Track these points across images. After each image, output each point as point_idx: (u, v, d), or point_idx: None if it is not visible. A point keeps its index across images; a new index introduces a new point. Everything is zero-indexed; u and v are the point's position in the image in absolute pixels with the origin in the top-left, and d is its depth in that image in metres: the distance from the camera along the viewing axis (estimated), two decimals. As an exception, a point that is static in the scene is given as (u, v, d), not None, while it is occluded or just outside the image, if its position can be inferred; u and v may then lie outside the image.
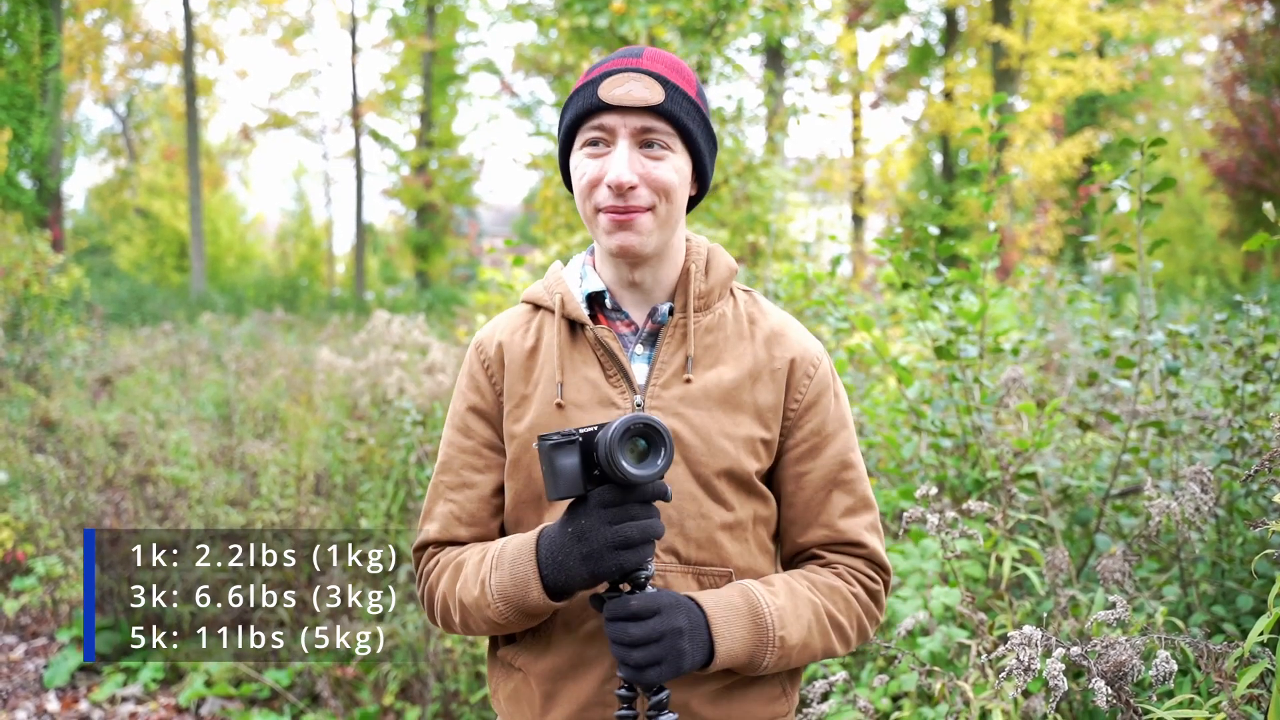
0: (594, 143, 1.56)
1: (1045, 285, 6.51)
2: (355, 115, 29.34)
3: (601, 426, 1.41)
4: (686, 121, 1.57)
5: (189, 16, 25.25)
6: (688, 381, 1.60)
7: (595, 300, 1.68)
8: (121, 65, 29.66)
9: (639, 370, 1.63)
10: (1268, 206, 2.54)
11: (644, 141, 1.55)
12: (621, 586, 1.46)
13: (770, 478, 1.68)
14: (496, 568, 1.55)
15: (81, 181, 42.54)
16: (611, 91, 1.54)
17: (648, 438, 1.39)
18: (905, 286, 3.24)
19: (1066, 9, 19.25)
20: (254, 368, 9.46)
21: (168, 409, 7.84)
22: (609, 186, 1.53)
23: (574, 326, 1.66)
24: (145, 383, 9.17)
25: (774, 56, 15.94)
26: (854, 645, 1.65)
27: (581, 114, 1.56)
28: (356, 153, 29.54)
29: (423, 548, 1.73)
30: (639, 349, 1.65)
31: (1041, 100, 20.13)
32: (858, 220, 26.57)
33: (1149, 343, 2.99)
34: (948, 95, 24.33)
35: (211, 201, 30.37)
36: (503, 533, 1.71)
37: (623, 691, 1.47)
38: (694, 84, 1.61)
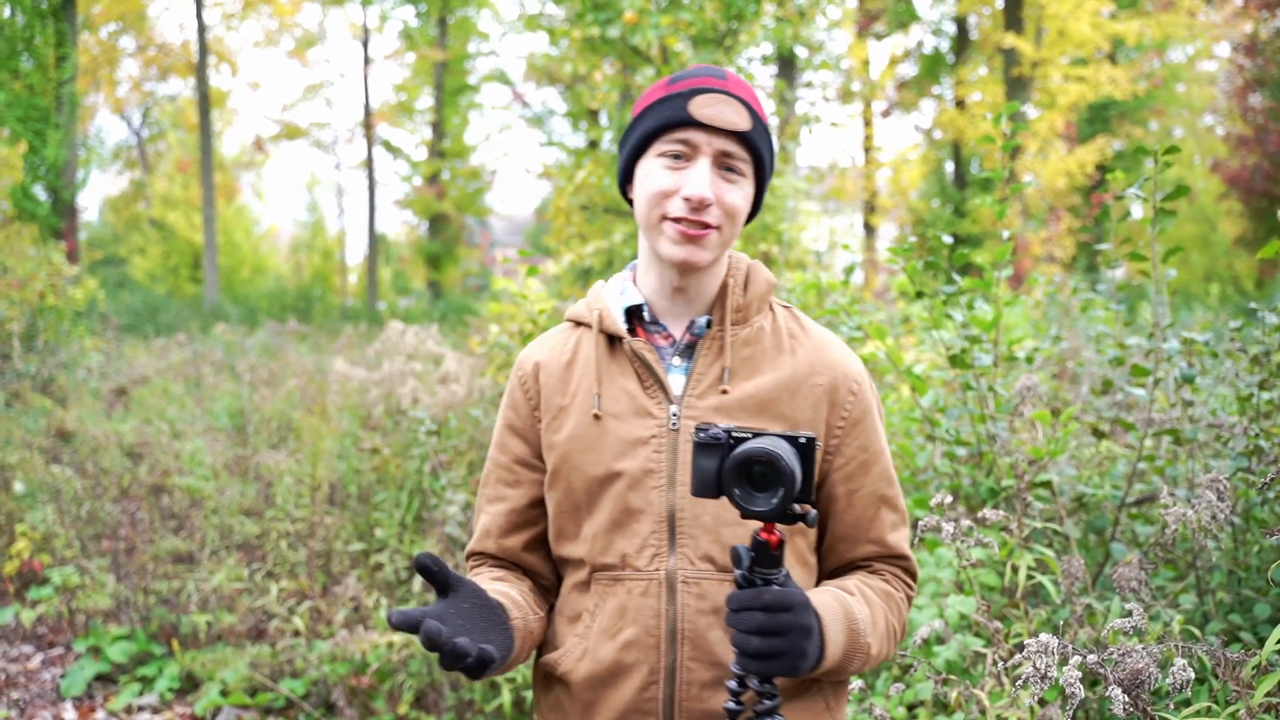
0: (675, 155, 1.58)
1: (1059, 293, 6.51)
2: (367, 126, 29.47)
3: (756, 435, 1.37)
4: (764, 151, 1.61)
5: (202, 29, 25.38)
6: (724, 393, 1.61)
7: (634, 314, 1.70)
8: (136, 78, 29.88)
9: (676, 381, 1.65)
10: (1282, 214, 2.53)
11: (723, 163, 1.58)
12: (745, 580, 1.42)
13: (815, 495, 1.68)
14: None
15: (96, 193, 42.82)
16: (703, 110, 1.56)
17: (769, 468, 1.33)
18: (919, 295, 3.24)
19: (1079, 16, 19.21)
20: (268, 378, 9.49)
21: (182, 419, 7.88)
22: (686, 199, 1.55)
23: (612, 340, 1.68)
24: (160, 393, 9.22)
25: (785, 66, 15.95)
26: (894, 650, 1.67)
27: (666, 125, 1.58)
28: (369, 163, 29.68)
29: (469, 555, 1.79)
30: (676, 360, 1.67)
31: (1054, 107, 20.09)
32: (870, 229, 26.55)
33: (1164, 350, 2.98)
34: (960, 103, 24.30)
35: (225, 213, 30.52)
36: (541, 545, 1.74)
37: (732, 684, 1.43)
38: (765, 114, 1.64)
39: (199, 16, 25.20)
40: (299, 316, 21.17)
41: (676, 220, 1.57)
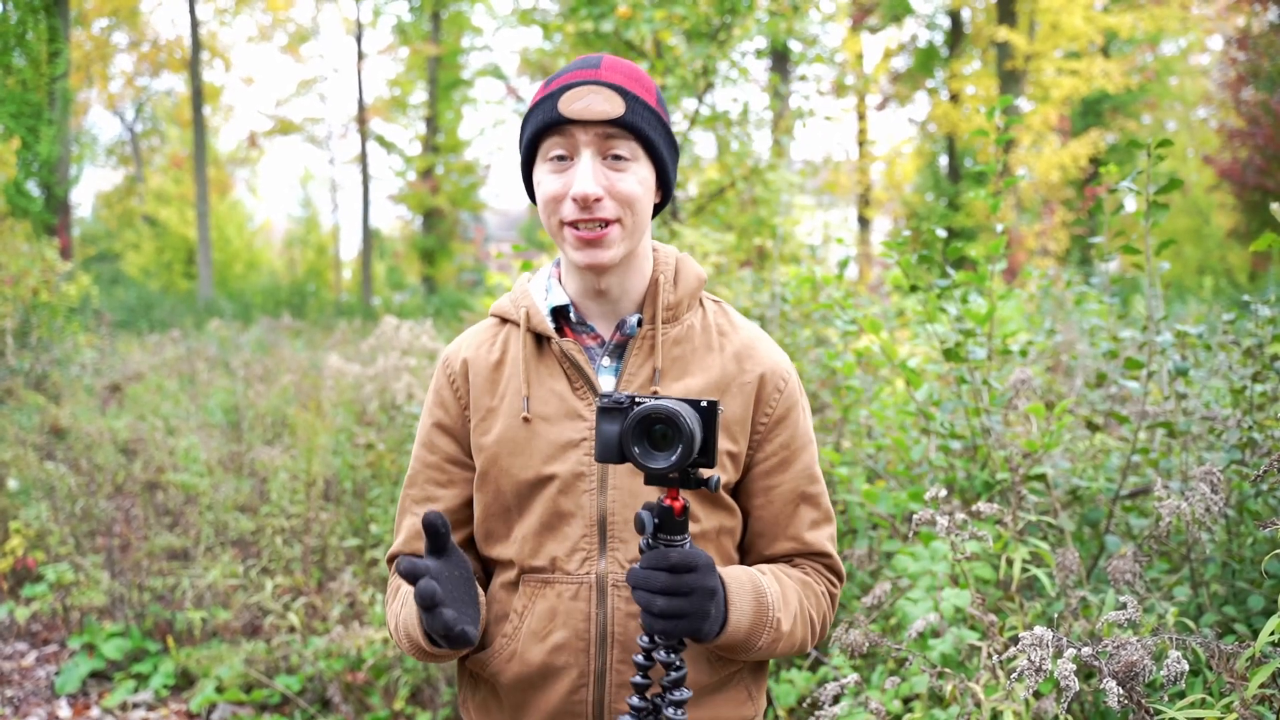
0: (557, 157, 1.55)
1: (1052, 286, 6.50)
2: (361, 121, 29.38)
3: (658, 399, 1.37)
4: (648, 132, 1.56)
5: (195, 24, 25.31)
6: (655, 394, 1.58)
7: (561, 313, 1.67)
8: (129, 73, 29.80)
9: (606, 382, 1.63)
10: (1275, 206, 2.54)
11: (607, 153, 1.54)
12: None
13: (736, 491, 1.68)
14: (405, 603, 1.57)
15: (89, 189, 42.79)
16: (571, 105, 1.52)
17: (669, 426, 1.34)
18: (913, 289, 3.24)
19: (1072, 9, 19.23)
20: (262, 374, 9.48)
21: (177, 416, 7.86)
22: (574, 200, 1.52)
23: (540, 340, 1.66)
24: (154, 389, 9.20)
25: (779, 60, 15.94)
26: (816, 642, 1.68)
27: (541, 129, 1.55)
28: (363, 158, 29.60)
29: (392, 559, 1.75)
30: (606, 361, 1.65)
31: (1047, 101, 20.11)
32: (864, 223, 26.56)
33: (1157, 343, 2.99)
34: (953, 97, 24.30)
35: (219, 208, 30.45)
36: (472, 545, 1.72)
37: (639, 658, 1.45)
38: (654, 92, 1.60)
39: (192, 12, 25.14)
40: (293, 312, 21.11)
41: (574, 224, 1.54)
